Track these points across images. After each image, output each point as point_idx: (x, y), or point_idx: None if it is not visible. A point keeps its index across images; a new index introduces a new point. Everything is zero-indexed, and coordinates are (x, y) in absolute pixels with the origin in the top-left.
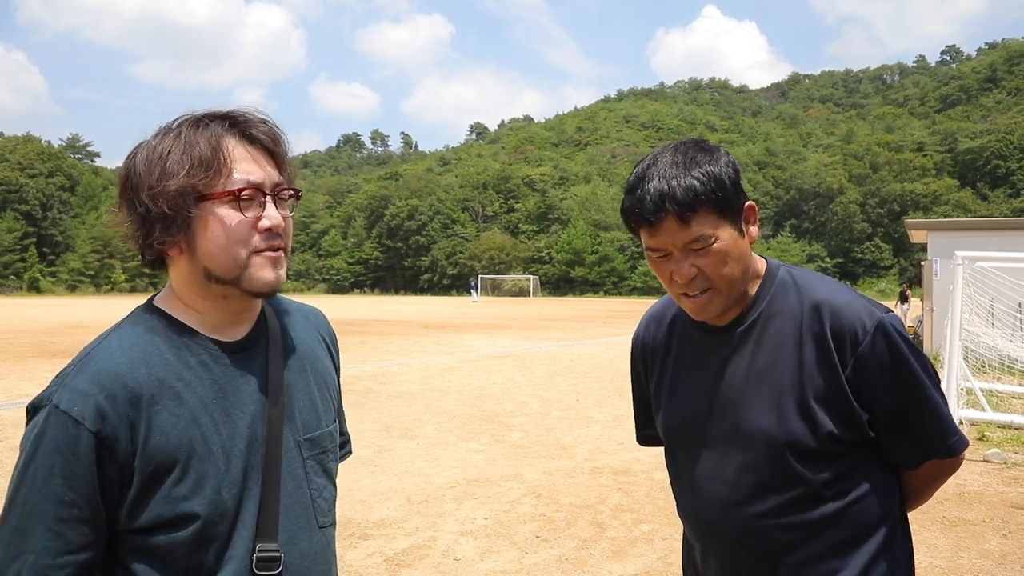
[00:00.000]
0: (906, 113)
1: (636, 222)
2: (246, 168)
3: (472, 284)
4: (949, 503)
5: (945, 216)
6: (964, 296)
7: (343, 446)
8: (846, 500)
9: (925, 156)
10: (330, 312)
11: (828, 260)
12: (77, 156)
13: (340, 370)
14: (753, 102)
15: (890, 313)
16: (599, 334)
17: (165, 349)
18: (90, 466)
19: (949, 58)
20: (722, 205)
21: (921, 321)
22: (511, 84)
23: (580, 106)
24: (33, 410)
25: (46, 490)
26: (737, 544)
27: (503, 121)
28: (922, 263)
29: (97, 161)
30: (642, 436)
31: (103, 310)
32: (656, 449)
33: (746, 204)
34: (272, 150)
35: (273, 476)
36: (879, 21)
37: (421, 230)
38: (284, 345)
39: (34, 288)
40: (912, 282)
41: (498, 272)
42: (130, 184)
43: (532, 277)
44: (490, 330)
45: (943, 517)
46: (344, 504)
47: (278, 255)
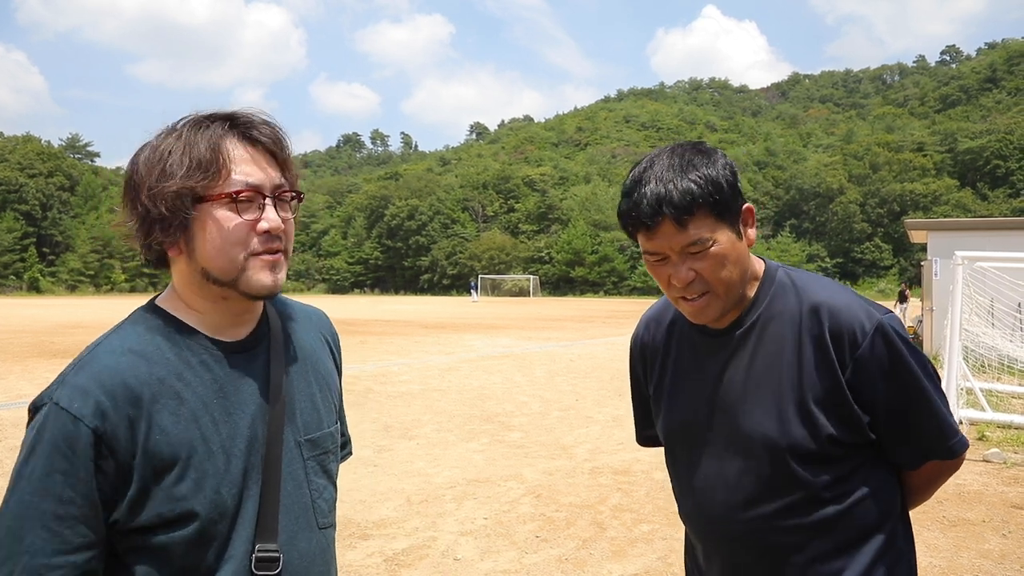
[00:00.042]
0: (906, 113)
1: (633, 226)
2: (245, 170)
3: (472, 284)
4: (949, 503)
5: (945, 216)
6: (964, 296)
7: (343, 447)
8: (847, 502)
9: (925, 156)
10: (330, 312)
11: (828, 260)
12: (77, 156)
13: (342, 371)
14: (753, 102)
15: (889, 314)
16: (599, 334)
17: (166, 348)
18: (88, 463)
19: (949, 58)
20: (720, 208)
21: (921, 321)
22: (511, 84)
23: (580, 106)
24: (34, 409)
25: (43, 487)
26: (739, 546)
27: (503, 121)
28: (922, 263)
29: (97, 161)
30: (642, 436)
31: (103, 310)
32: (656, 449)
33: (744, 206)
34: (274, 152)
35: (273, 476)
36: (879, 21)
37: (421, 230)
38: (286, 345)
39: (34, 288)
40: (912, 282)
41: (498, 272)
42: (132, 183)
43: (532, 277)
44: (490, 330)
45: (943, 517)
46: (344, 504)
47: (276, 258)
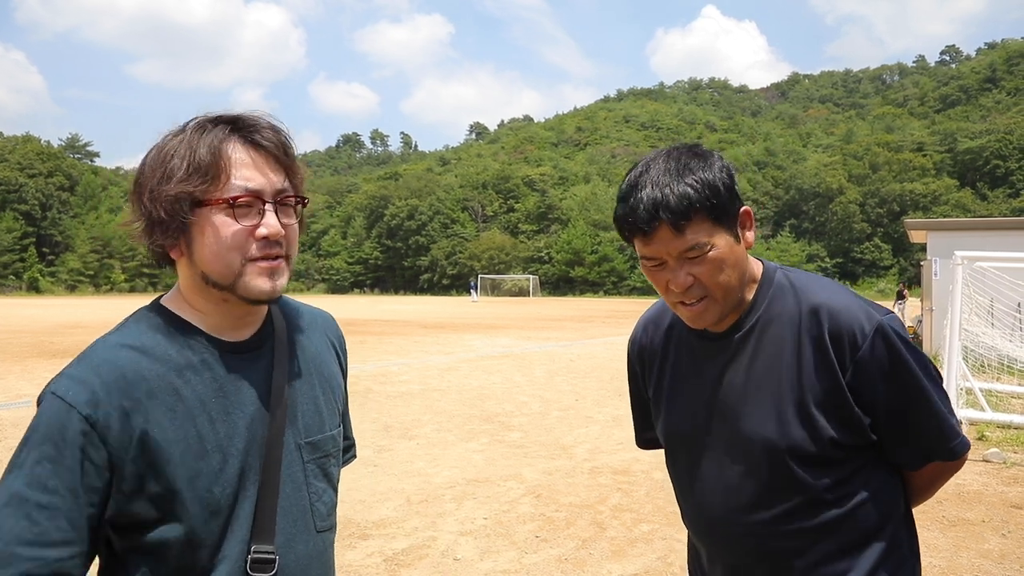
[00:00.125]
0: (906, 113)
1: (630, 231)
2: (246, 174)
3: (472, 284)
4: (948, 503)
5: (945, 216)
6: (963, 296)
7: (347, 451)
8: (849, 505)
9: (925, 156)
10: (330, 312)
11: (828, 260)
12: (76, 156)
13: (348, 375)
14: (753, 102)
15: (890, 315)
16: (599, 334)
17: (167, 346)
18: (76, 451)
19: (949, 58)
20: (717, 212)
21: (921, 321)
22: (510, 84)
23: (580, 106)
24: (38, 403)
25: (32, 475)
26: (741, 549)
27: (503, 121)
28: (921, 263)
29: (96, 161)
30: (641, 439)
31: (102, 310)
32: (656, 449)
33: (741, 209)
34: (278, 156)
35: (272, 478)
36: (879, 21)
37: (421, 230)
38: (290, 347)
39: (33, 288)
40: (911, 282)
41: (498, 272)
42: (138, 184)
43: (532, 277)
44: (490, 330)
45: (942, 517)
46: (344, 504)
47: (276, 264)
